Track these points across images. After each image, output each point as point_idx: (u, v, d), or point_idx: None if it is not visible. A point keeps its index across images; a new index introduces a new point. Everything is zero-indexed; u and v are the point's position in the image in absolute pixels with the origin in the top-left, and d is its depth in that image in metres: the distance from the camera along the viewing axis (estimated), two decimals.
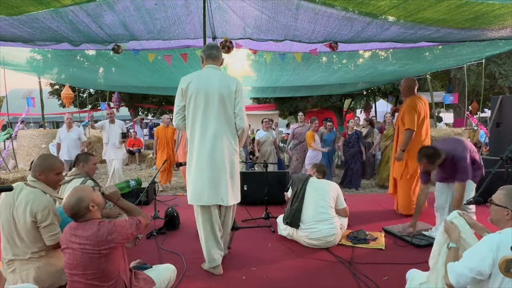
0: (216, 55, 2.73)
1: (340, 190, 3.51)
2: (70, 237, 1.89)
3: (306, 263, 2.96)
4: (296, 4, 3.77)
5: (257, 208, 4.42)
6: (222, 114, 2.62)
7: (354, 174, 6.66)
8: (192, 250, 3.22)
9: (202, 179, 2.62)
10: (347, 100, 17.35)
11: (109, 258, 1.90)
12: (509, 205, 1.66)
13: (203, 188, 2.61)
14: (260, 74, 8.33)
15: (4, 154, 8.50)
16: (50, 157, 2.46)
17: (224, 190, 2.64)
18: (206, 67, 2.72)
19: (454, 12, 3.55)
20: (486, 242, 1.59)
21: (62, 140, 6.13)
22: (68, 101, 11.65)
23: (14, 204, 2.20)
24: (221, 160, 2.62)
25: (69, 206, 1.87)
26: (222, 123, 2.63)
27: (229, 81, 2.67)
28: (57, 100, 17.52)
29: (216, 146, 2.61)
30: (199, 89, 2.59)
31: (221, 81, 2.63)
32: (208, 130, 2.61)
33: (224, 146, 2.63)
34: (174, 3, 3.90)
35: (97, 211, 1.97)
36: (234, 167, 2.72)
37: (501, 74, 11.08)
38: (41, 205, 2.18)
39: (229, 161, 2.67)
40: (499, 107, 5.54)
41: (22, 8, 3.55)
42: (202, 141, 2.62)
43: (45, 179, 2.31)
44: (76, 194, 1.90)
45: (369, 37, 4.61)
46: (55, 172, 2.35)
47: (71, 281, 1.92)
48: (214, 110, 2.60)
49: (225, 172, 2.64)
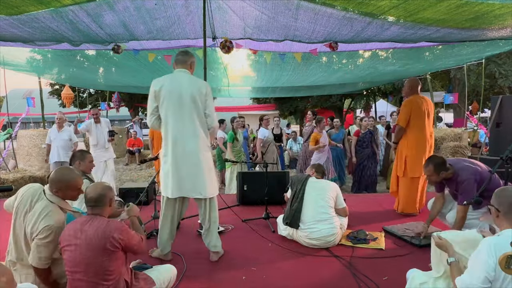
0: (183, 60, 2.93)
1: (340, 190, 3.51)
2: (76, 233, 1.92)
3: (306, 263, 2.96)
4: (296, 4, 3.77)
5: (257, 208, 4.42)
6: (195, 114, 2.82)
7: (370, 178, 6.23)
8: (192, 250, 3.22)
9: (179, 174, 2.81)
10: (347, 100, 17.34)
11: (112, 258, 1.91)
12: (495, 203, 1.73)
13: (182, 183, 2.82)
14: (260, 74, 8.33)
15: (4, 154, 8.49)
16: (69, 173, 2.27)
17: (202, 183, 2.85)
18: (176, 71, 2.93)
19: (454, 12, 3.55)
20: (484, 248, 1.60)
21: (53, 141, 5.83)
22: (68, 101, 11.66)
23: (29, 211, 2.15)
24: (197, 156, 2.83)
25: (95, 192, 2.00)
26: (195, 122, 2.83)
27: (199, 84, 2.87)
28: (57, 100, 17.52)
29: (191, 143, 2.82)
30: (172, 91, 2.79)
31: (191, 84, 2.83)
32: (182, 129, 2.81)
33: (199, 143, 2.85)
34: (174, 3, 3.90)
35: (109, 211, 2.08)
36: (208, 162, 2.93)
37: (501, 74, 11.08)
38: (48, 223, 2.06)
39: (204, 157, 2.88)
40: (499, 107, 5.53)
41: (22, 8, 3.55)
42: (178, 139, 2.82)
43: (63, 195, 2.22)
44: (104, 186, 2.07)
45: (369, 37, 4.61)
46: (73, 190, 2.24)
47: (72, 279, 1.92)
48: (187, 110, 2.80)
49: (201, 167, 2.85)
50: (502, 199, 1.72)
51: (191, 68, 2.96)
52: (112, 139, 5.71)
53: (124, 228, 1.98)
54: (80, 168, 3.08)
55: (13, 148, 8.36)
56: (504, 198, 1.71)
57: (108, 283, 1.91)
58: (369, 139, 6.31)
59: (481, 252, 1.61)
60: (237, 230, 3.80)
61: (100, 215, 2.01)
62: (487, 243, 1.60)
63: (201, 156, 2.85)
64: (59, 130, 5.87)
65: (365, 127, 6.36)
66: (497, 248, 1.54)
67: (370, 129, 6.37)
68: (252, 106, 21.34)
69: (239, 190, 4.86)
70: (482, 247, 1.61)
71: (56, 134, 5.85)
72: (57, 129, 5.87)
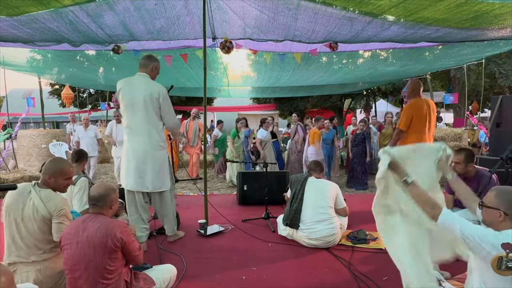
0: (144, 64, 3.18)
1: (340, 189, 3.50)
2: (78, 231, 1.94)
3: (306, 263, 2.96)
4: (296, 4, 3.76)
5: (257, 208, 4.42)
6: (149, 114, 3.07)
7: (360, 173, 6.68)
8: (192, 250, 3.22)
9: (130, 169, 3.11)
10: (347, 100, 17.33)
11: (112, 257, 1.93)
12: (501, 206, 1.61)
13: (131, 176, 3.12)
14: (260, 74, 8.32)
15: (4, 154, 8.49)
16: (61, 161, 2.40)
17: (149, 179, 3.11)
18: (137, 74, 3.19)
19: (454, 11, 3.55)
20: (491, 234, 1.55)
21: (81, 139, 6.64)
22: (68, 101, 11.66)
23: (25, 205, 2.18)
24: (145, 154, 3.09)
25: (98, 191, 2.05)
26: (148, 123, 3.08)
27: (152, 89, 3.07)
28: (57, 100, 17.52)
29: (142, 142, 3.09)
30: (126, 93, 3.10)
31: (146, 88, 3.07)
32: (136, 129, 3.09)
33: (151, 142, 3.10)
34: (174, 4, 3.89)
35: (111, 212, 2.12)
36: (157, 159, 3.15)
37: (501, 74, 11.09)
38: (58, 204, 2.19)
39: (153, 155, 3.12)
40: (499, 107, 5.53)
41: (22, 8, 3.55)
42: (131, 137, 3.12)
43: (54, 183, 2.29)
44: (108, 187, 2.11)
45: (369, 37, 4.60)
46: (65, 177, 2.32)
47: (72, 277, 1.93)
48: (140, 112, 3.06)
49: (150, 163, 3.10)
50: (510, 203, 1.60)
51: (153, 72, 3.20)
52: None
53: (126, 229, 2.00)
54: (81, 167, 3.16)
55: (13, 148, 8.36)
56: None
57: (108, 282, 1.91)
58: (360, 139, 6.77)
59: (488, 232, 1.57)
60: (237, 230, 3.81)
61: (102, 214, 2.03)
62: (495, 236, 1.55)
63: (149, 154, 3.10)
64: (86, 128, 6.73)
65: (361, 128, 6.85)
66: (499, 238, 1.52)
67: (365, 131, 6.82)
68: (252, 106, 21.34)
69: (239, 190, 4.86)
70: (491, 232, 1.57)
71: (83, 132, 6.71)
72: (84, 128, 6.73)
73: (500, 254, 1.46)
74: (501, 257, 1.46)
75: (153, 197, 3.28)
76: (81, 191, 2.95)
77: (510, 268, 1.44)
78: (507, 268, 1.44)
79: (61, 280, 2.22)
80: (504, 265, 1.44)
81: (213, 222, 3.97)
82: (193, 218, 4.05)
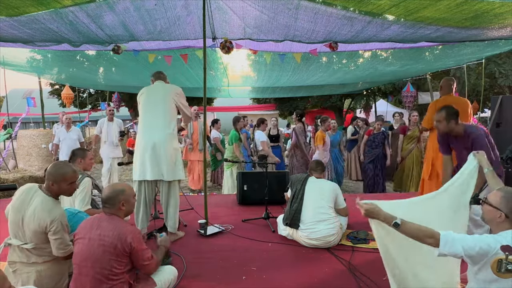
0: (159, 77, 3.74)
1: (340, 190, 3.50)
2: (92, 228, 1.97)
3: (306, 263, 2.96)
4: (296, 4, 3.76)
5: (257, 208, 4.42)
6: (166, 110, 3.44)
7: (377, 177, 6.22)
8: (192, 250, 3.22)
9: (145, 159, 3.30)
10: (347, 100, 17.33)
11: (120, 260, 1.95)
12: (504, 208, 1.62)
13: (147, 166, 3.31)
14: (260, 74, 8.32)
15: (4, 154, 8.50)
16: (63, 166, 2.31)
17: (165, 168, 3.34)
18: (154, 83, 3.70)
19: (454, 11, 3.54)
20: (491, 241, 1.56)
21: (62, 141, 6.01)
22: (68, 101, 11.66)
23: (27, 208, 2.16)
24: (160, 144, 3.31)
25: (106, 193, 2.09)
26: (165, 118, 3.42)
27: (170, 88, 3.58)
28: (57, 100, 17.51)
29: (158, 134, 3.35)
30: (149, 94, 3.54)
31: (164, 88, 3.57)
32: (154, 123, 3.39)
33: (166, 134, 3.37)
34: (174, 4, 3.89)
35: (123, 212, 2.12)
36: (172, 149, 3.39)
37: (501, 74, 11.07)
38: (50, 217, 2.11)
39: (167, 145, 3.35)
40: (499, 107, 5.53)
41: (22, 9, 3.54)
42: (148, 130, 3.39)
43: (58, 189, 2.24)
44: (116, 188, 2.12)
45: (369, 36, 4.60)
46: (68, 182, 2.26)
47: (78, 273, 1.95)
48: (159, 107, 3.44)
49: (164, 154, 3.33)
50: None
51: (166, 80, 3.77)
52: (121, 139, 6.23)
53: (139, 236, 2.02)
54: (81, 166, 3.10)
55: (13, 148, 8.36)
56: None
57: (112, 283, 1.93)
58: (380, 140, 6.27)
59: (487, 237, 1.58)
60: (237, 230, 3.80)
61: (115, 214, 2.06)
62: (494, 240, 1.56)
63: (165, 145, 3.36)
64: (68, 130, 6.09)
65: (378, 127, 6.36)
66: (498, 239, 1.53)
67: (383, 130, 6.30)
68: (252, 106, 21.34)
69: (239, 190, 4.86)
70: (490, 237, 1.58)
71: (65, 134, 6.10)
72: (66, 129, 6.09)
73: (500, 257, 1.46)
74: (500, 260, 1.45)
75: (163, 187, 3.44)
76: (83, 192, 2.92)
77: (510, 270, 1.43)
78: (507, 271, 1.44)
79: (62, 281, 2.22)
80: (504, 267, 1.44)
81: (213, 222, 3.97)
82: (194, 218, 4.05)
